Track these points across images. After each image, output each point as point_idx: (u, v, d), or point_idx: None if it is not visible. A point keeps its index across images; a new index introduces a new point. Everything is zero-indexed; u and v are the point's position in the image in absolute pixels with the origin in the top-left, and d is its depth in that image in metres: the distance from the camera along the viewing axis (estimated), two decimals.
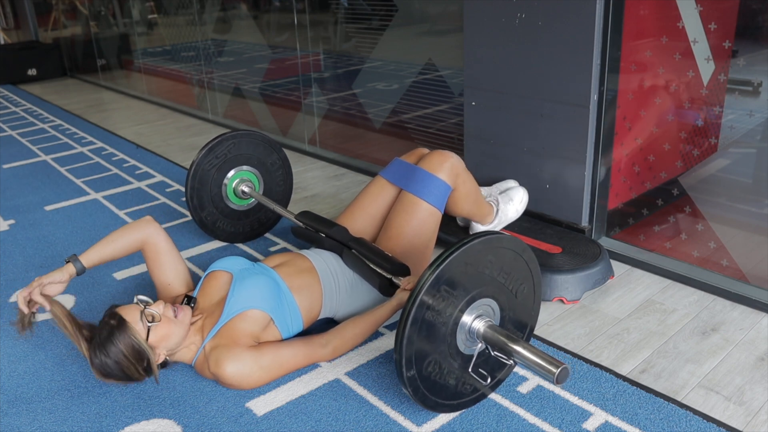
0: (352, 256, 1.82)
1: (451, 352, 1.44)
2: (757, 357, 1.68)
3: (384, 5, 3.01)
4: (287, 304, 1.70)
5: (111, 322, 1.54)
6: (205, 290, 1.77)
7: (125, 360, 1.53)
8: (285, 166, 2.52)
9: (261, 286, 1.68)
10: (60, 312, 1.61)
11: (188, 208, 2.35)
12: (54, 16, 6.70)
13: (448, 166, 1.91)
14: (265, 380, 1.61)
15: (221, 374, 1.56)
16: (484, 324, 1.44)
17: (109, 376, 1.56)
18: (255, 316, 1.63)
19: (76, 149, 3.87)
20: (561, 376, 1.31)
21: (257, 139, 2.41)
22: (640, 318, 1.88)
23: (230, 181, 2.39)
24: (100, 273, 2.28)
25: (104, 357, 1.52)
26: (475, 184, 2.04)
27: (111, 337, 1.52)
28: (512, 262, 1.49)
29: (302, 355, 1.66)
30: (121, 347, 1.52)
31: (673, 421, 1.45)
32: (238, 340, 1.59)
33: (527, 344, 1.40)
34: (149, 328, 1.55)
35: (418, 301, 1.33)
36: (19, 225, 2.75)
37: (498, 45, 2.30)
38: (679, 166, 2.19)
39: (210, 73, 4.41)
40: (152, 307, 1.58)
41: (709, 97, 2.09)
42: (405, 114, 3.08)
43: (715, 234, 2.09)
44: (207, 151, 2.31)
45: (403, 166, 2.00)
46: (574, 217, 2.27)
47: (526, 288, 1.56)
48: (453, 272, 1.37)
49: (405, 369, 1.36)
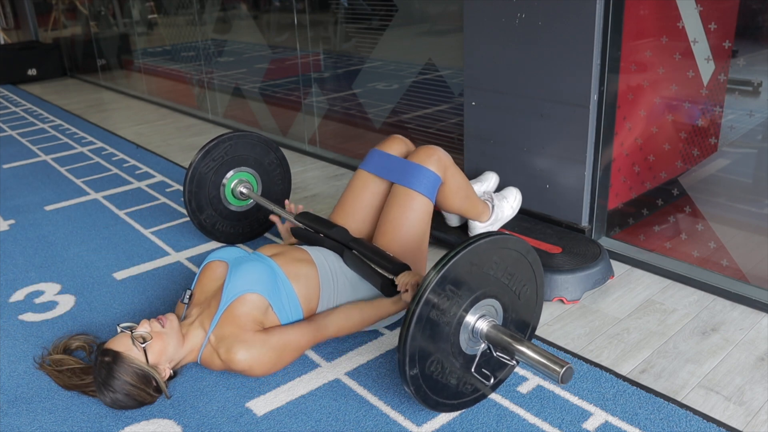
0: (352, 257, 1.82)
1: (454, 352, 1.44)
2: (757, 357, 1.68)
3: (384, 5, 3.01)
4: (285, 291, 1.69)
5: (106, 360, 1.52)
6: (202, 282, 1.78)
7: (134, 389, 1.52)
8: (282, 165, 2.51)
9: (257, 271, 1.68)
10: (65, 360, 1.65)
11: (187, 212, 2.34)
12: (54, 16, 6.70)
13: (436, 158, 1.92)
14: (276, 363, 1.61)
15: (233, 360, 1.56)
16: (487, 324, 1.44)
17: (124, 407, 1.56)
18: (253, 299, 1.63)
19: (76, 149, 3.87)
20: (565, 376, 1.31)
21: (254, 140, 2.40)
22: (640, 318, 1.88)
23: (228, 182, 2.38)
24: (100, 273, 2.28)
25: (112, 393, 1.51)
26: (466, 180, 2.04)
27: (111, 372, 1.51)
28: (516, 264, 1.49)
29: (308, 335, 1.66)
30: (126, 378, 1.51)
31: (673, 421, 1.45)
32: (244, 326, 1.59)
33: (531, 344, 1.40)
34: (144, 349, 1.54)
35: (424, 299, 1.33)
36: (19, 225, 2.75)
37: (498, 45, 2.29)
38: (679, 166, 2.19)
39: (210, 73, 4.41)
40: (138, 329, 1.57)
41: (709, 97, 2.09)
42: (405, 114, 3.08)
43: (715, 234, 2.09)
44: (204, 153, 2.31)
45: (387, 159, 2.00)
46: (574, 217, 2.27)
47: (528, 289, 1.56)
48: (459, 272, 1.37)
49: (408, 368, 1.36)
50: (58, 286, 2.20)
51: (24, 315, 2.03)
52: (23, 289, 2.19)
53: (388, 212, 1.92)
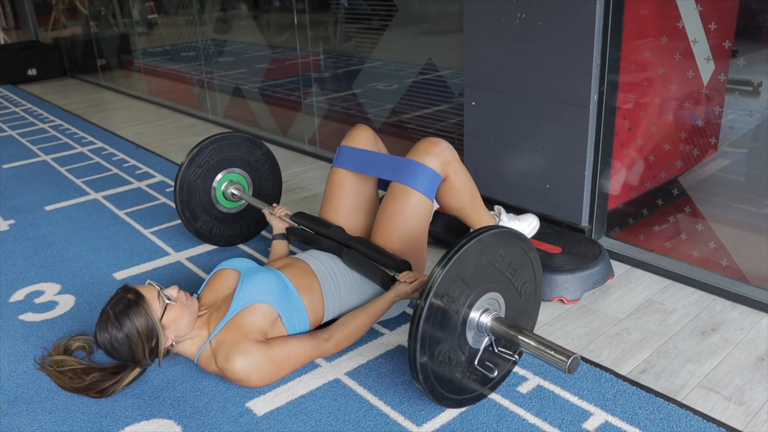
0: (352, 255, 1.82)
1: (460, 344, 1.45)
2: (757, 357, 1.68)
3: (384, 5, 3.01)
4: (295, 304, 1.71)
5: (128, 296, 1.54)
6: (212, 286, 1.78)
7: (137, 336, 1.52)
8: (270, 159, 2.48)
9: (269, 282, 1.69)
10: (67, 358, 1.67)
11: (182, 221, 2.32)
12: (54, 16, 6.70)
13: (437, 151, 1.86)
14: (274, 375, 1.61)
15: (230, 368, 1.56)
16: (492, 317, 1.46)
17: (113, 353, 1.55)
18: (263, 309, 1.64)
19: (76, 149, 3.87)
20: (572, 366, 1.32)
21: (237, 140, 2.37)
22: (640, 318, 1.88)
23: (218, 186, 2.35)
24: (100, 273, 2.28)
25: (116, 331, 1.51)
26: (470, 181, 1.95)
27: (127, 310, 1.52)
28: (520, 260, 1.51)
29: (309, 349, 1.67)
30: (136, 322, 1.52)
31: (673, 421, 1.45)
32: (247, 335, 1.59)
33: (538, 335, 1.41)
34: (166, 306, 1.56)
35: (435, 287, 1.34)
36: (19, 225, 2.75)
37: (498, 45, 2.30)
38: (679, 166, 2.19)
39: (210, 73, 4.41)
40: (167, 290, 1.60)
41: (709, 97, 2.09)
42: (405, 114, 3.08)
43: (715, 234, 2.09)
44: (189, 161, 2.27)
45: (362, 155, 1.98)
46: (574, 217, 2.27)
47: (529, 288, 1.56)
48: (468, 262, 1.38)
49: (419, 354, 1.36)
50: (58, 286, 2.20)
51: (24, 315, 2.03)
52: (23, 289, 2.19)
53: (386, 210, 1.90)
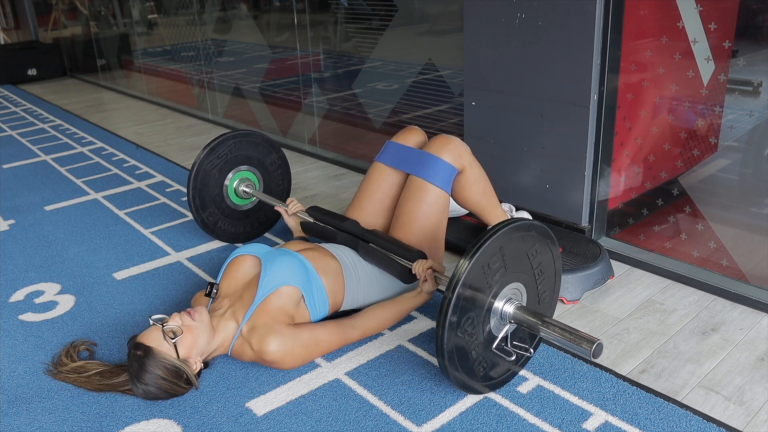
0: (369, 248, 1.84)
1: (483, 322, 1.47)
2: (757, 357, 1.68)
3: (384, 5, 3.01)
4: (315, 284, 1.73)
5: (138, 354, 1.54)
6: (231, 275, 1.79)
7: (165, 383, 1.53)
8: (283, 165, 2.52)
9: (291, 264, 1.71)
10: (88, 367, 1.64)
11: (190, 209, 2.34)
12: (54, 16, 6.70)
13: (452, 147, 1.90)
14: (304, 358, 1.65)
15: (265, 351, 1.58)
16: (515, 305, 1.49)
17: (156, 399, 1.57)
18: (289, 292, 1.66)
19: (76, 149, 3.87)
20: (597, 351, 1.36)
21: (257, 139, 2.42)
22: (640, 318, 1.88)
23: (231, 181, 2.39)
24: (100, 273, 2.28)
25: (145, 386, 1.53)
26: (484, 175, 1.99)
27: (143, 366, 1.52)
28: (548, 265, 1.55)
29: (336, 335, 1.70)
30: (157, 372, 1.52)
31: (673, 421, 1.45)
32: (277, 318, 1.62)
33: (561, 323, 1.43)
34: (175, 344, 1.54)
35: (482, 251, 1.37)
36: (19, 225, 2.75)
37: (498, 45, 2.30)
38: (679, 166, 2.19)
39: (210, 73, 4.41)
40: (169, 322, 1.57)
41: (709, 97, 2.09)
42: (405, 114, 3.08)
43: (715, 234, 2.09)
44: (208, 151, 2.31)
45: (402, 150, 2.00)
46: (574, 217, 2.27)
47: (547, 297, 1.61)
48: (513, 239, 1.43)
49: (451, 312, 1.37)
50: (58, 286, 2.20)
51: (24, 315, 2.03)
52: (23, 289, 2.19)
53: (404, 204, 1.93)
